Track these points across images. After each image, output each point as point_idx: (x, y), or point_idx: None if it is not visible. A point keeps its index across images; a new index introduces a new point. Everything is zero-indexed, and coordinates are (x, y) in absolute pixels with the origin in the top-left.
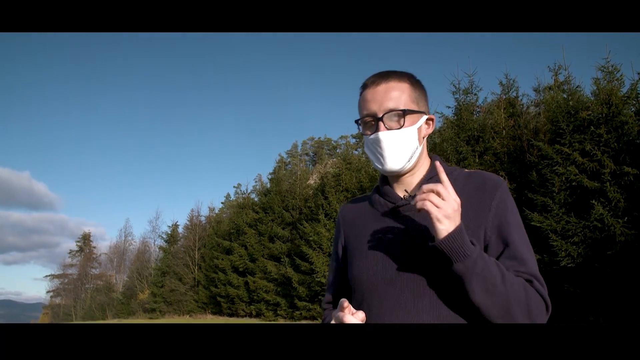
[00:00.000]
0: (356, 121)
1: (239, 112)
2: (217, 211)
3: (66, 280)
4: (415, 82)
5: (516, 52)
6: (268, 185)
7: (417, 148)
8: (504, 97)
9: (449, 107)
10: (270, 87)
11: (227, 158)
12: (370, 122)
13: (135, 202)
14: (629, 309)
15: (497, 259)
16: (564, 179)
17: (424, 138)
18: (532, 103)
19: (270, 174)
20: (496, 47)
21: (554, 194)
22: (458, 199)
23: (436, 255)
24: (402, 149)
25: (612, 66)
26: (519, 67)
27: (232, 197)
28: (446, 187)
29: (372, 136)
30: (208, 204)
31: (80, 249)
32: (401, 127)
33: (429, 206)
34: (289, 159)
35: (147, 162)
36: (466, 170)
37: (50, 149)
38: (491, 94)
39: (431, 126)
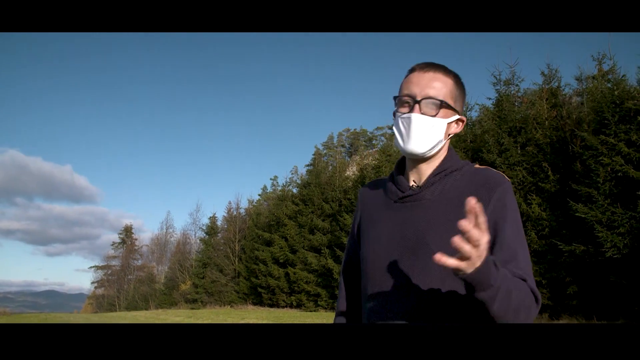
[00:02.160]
0: (394, 97)
1: (274, 104)
2: (254, 203)
3: (109, 272)
4: (458, 82)
5: (557, 40)
6: (305, 176)
7: (441, 140)
8: (546, 87)
9: (490, 99)
10: (305, 79)
11: (264, 150)
12: (408, 102)
13: (174, 195)
14: None
15: (491, 251)
16: (609, 169)
17: (450, 135)
18: (575, 93)
19: (306, 165)
20: (536, 36)
21: (599, 185)
22: (486, 236)
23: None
24: (428, 135)
25: None
26: (560, 55)
27: (269, 189)
28: (481, 231)
29: (405, 115)
30: (246, 196)
31: (123, 241)
32: (434, 115)
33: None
34: (324, 151)
35: (185, 155)
36: (476, 166)
37: (91, 143)
38: (532, 85)
39: (460, 127)
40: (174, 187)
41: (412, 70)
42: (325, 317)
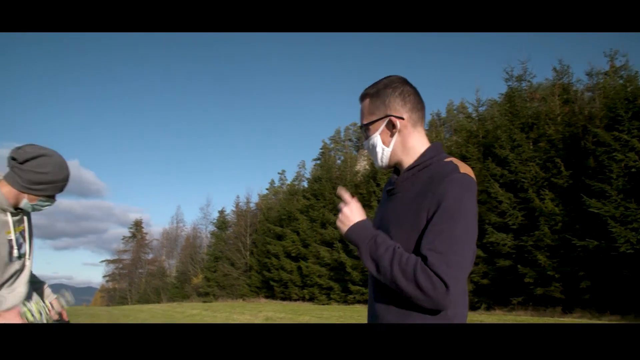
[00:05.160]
0: None
1: (280, 99)
2: (264, 197)
3: (121, 265)
4: (373, 95)
5: (568, 37)
6: (314, 170)
7: (383, 149)
8: (558, 82)
9: (502, 94)
10: (311, 74)
11: (271, 145)
12: None
13: (182, 190)
14: None
15: (422, 235)
16: (622, 165)
17: (392, 136)
18: (585, 88)
19: (314, 159)
20: (548, 33)
21: (612, 180)
22: (350, 214)
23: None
24: (373, 153)
25: None
26: (571, 51)
27: (277, 184)
28: (347, 206)
29: None
30: (256, 190)
31: (133, 235)
32: (367, 137)
33: (338, 224)
34: (332, 145)
35: (192, 150)
36: (444, 160)
37: (99, 137)
38: (545, 80)
39: (397, 123)
40: (182, 182)
41: None
42: (339, 310)
